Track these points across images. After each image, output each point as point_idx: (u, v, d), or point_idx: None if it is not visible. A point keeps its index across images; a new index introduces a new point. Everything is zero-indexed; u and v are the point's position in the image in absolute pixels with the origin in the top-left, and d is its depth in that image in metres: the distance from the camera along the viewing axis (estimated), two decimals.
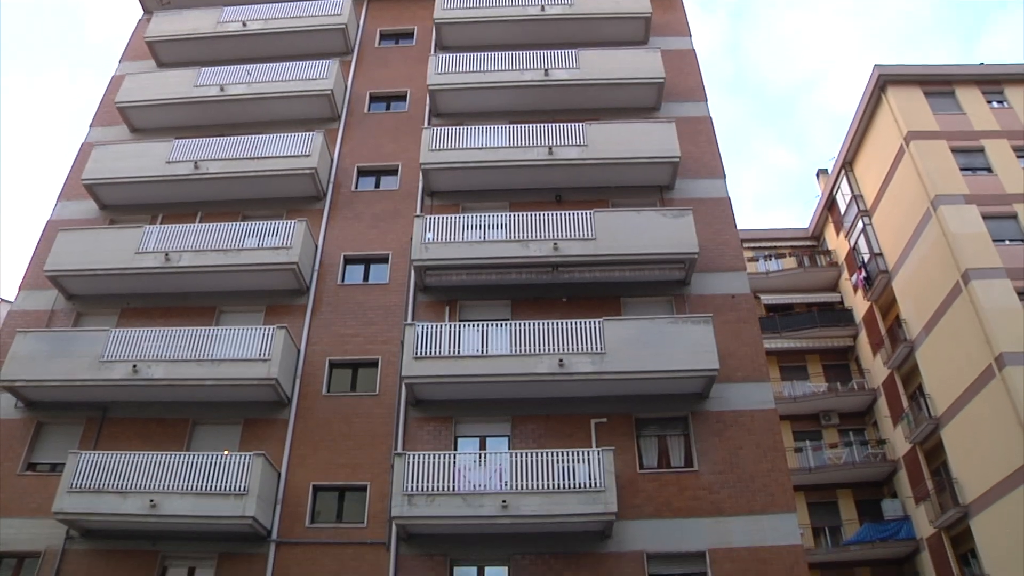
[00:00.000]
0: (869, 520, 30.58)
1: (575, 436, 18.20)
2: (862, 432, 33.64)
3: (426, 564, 17.10)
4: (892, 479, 31.64)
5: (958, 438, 27.08)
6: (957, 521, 26.71)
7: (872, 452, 32.11)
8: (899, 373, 31.30)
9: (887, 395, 32.13)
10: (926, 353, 29.23)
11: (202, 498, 16.90)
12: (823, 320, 35.48)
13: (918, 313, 29.81)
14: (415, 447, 18.22)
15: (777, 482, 17.75)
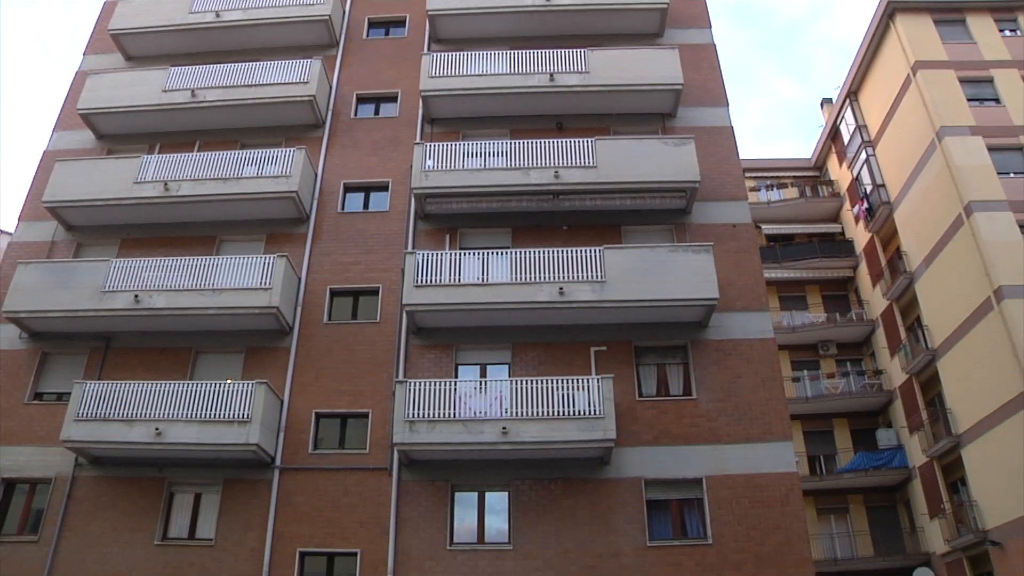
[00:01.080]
0: (863, 449, 30.89)
1: (575, 364, 18.23)
2: (859, 363, 33.75)
3: (428, 489, 17.31)
4: (887, 409, 31.88)
5: (953, 370, 27.16)
6: (949, 450, 27.02)
7: (869, 382, 32.27)
8: (898, 305, 31.23)
9: (885, 326, 32.12)
10: (925, 285, 29.10)
11: (206, 426, 17.04)
12: (823, 251, 35.25)
13: (919, 245, 29.57)
14: (416, 374, 18.27)
15: (774, 411, 17.87)
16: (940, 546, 27.56)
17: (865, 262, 34.05)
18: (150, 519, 17.37)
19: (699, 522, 17.05)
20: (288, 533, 17.01)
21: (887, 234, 32.41)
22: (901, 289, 30.45)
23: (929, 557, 28.12)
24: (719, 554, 16.47)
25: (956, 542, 26.19)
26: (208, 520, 17.51)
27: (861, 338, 33.72)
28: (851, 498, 30.55)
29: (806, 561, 16.50)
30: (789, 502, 16.94)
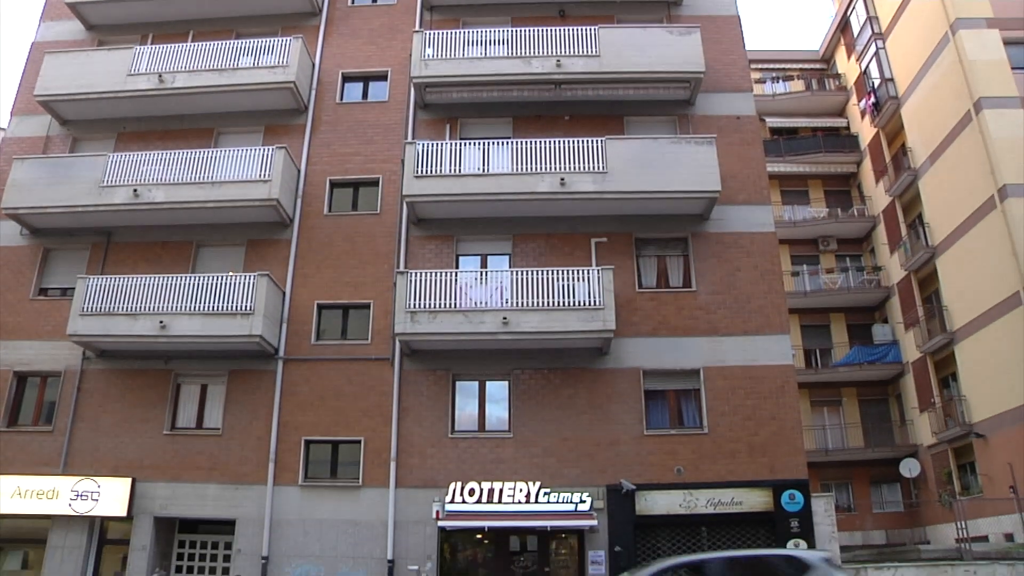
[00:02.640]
0: (859, 344, 31.07)
1: (575, 255, 18.11)
2: (859, 258, 33.53)
3: (429, 379, 17.47)
4: (884, 305, 31.89)
5: (952, 268, 26.95)
6: (943, 347, 27.13)
7: (867, 278, 32.15)
8: (900, 201, 30.78)
9: (886, 222, 31.75)
10: (929, 182, 28.55)
11: (210, 318, 17.10)
12: (828, 145, 34.47)
13: (924, 141, 28.84)
14: (417, 265, 18.16)
15: (772, 304, 17.86)
16: (927, 438, 28.09)
17: (869, 157, 33.37)
18: (158, 410, 17.68)
19: (695, 412, 17.28)
20: (293, 422, 17.29)
21: (893, 130, 31.63)
22: (904, 186, 29.94)
23: (916, 449, 28.69)
24: (714, 443, 16.76)
25: (943, 434, 26.65)
26: (215, 410, 17.82)
27: (861, 234, 33.42)
28: (844, 391, 30.96)
29: (798, 451, 16.79)
30: (784, 394, 17.15)
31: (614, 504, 16.31)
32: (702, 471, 16.54)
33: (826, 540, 16.18)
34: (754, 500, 16.33)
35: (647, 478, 16.47)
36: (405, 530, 16.38)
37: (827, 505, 16.72)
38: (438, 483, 16.61)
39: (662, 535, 16.56)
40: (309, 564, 16.32)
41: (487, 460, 16.75)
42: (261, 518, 16.61)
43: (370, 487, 16.72)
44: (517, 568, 16.80)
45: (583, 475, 16.56)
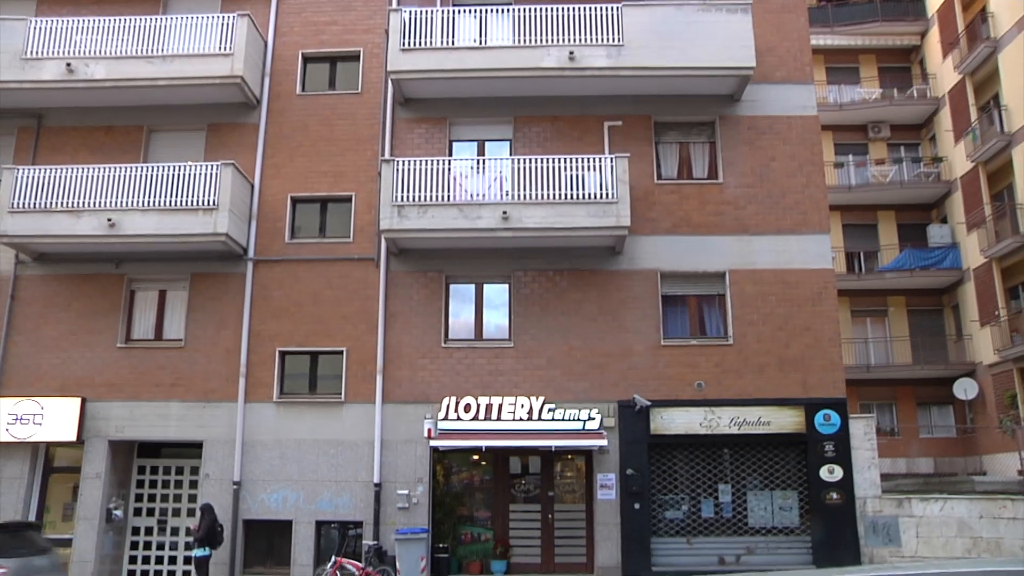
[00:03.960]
0: (911, 246, 31.82)
1: (585, 140, 18.72)
2: (916, 147, 33.98)
3: (419, 281, 18.34)
4: (943, 202, 32.50)
5: None
6: (1013, 251, 27.75)
7: (924, 171, 32.65)
8: (972, 79, 30.80)
9: (952, 105, 31.92)
10: (1011, 56, 28.37)
11: (167, 214, 17.65)
12: (887, 12, 34.31)
13: (1011, 4, 28.44)
14: (405, 152, 18.80)
15: (811, 199, 18.56)
16: (988, 356, 29.08)
17: (937, 26, 33.13)
18: (110, 320, 18.50)
19: (719, 320, 18.25)
20: (266, 331, 18.23)
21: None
22: (980, 60, 29.88)
23: (974, 368, 29.82)
24: (740, 355, 17.76)
25: (1008, 352, 27.57)
26: (176, 319, 18.70)
27: (921, 119, 33.73)
28: (891, 300, 32.01)
29: (836, 366, 17.77)
30: (821, 301, 18.03)
31: (626, 422, 17.40)
32: (726, 387, 17.58)
33: (865, 467, 17.27)
34: (784, 420, 17.40)
35: (663, 394, 17.52)
36: (393, 451, 17.53)
37: (867, 428, 17.66)
38: (430, 398, 17.67)
39: (679, 457, 17.74)
40: (286, 489, 17.49)
41: (485, 372, 17.77)
42: (232, 439, 17.70)
43: (354, 403, 17.80)
44: (518, 492, 18.06)
45: (592, 389, 17.62)
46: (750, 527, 17.43)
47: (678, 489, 17.66)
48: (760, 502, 17.57)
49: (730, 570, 16.88)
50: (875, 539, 16.98)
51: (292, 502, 17.45)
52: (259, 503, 17.50)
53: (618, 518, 17.06)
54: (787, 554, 17.19)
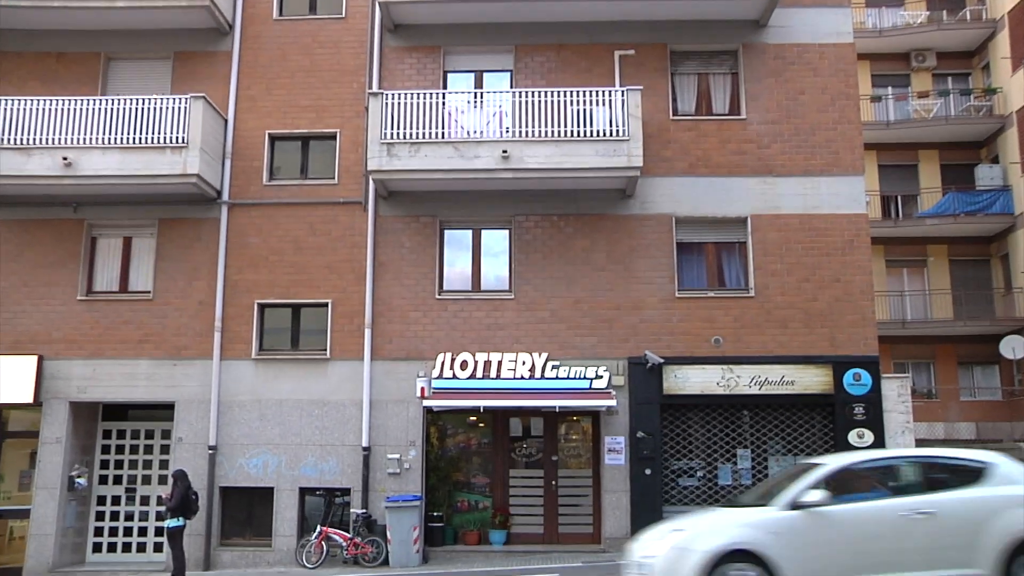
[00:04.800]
0: (955, 189, 31.99)
1: (594, 72, 19.07)
2: (965, 78, 33.97)
3: (412, 227, 18.84)
4: (995, 140, 32.56)
5: None
6: None
7: (974, 104, 32.67)
8: None
9: (1013, 27, 31.67)
10: None
11: (130, 153, 18.01)
12: None
13: None
14: (394, 84, 19.16)
15: (844, 137, 18.99)
16: None
17: None
18: (69, 270, 18.98)
19: (740, 270, 18.81)
20: (243, 282, 18.76)
21: None
22: None
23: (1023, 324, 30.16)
24: (762, 308, 18.31)
25: None
26: (143, 269, 19.22)
27: (973, 45, 33.61)
28: (932, 249, 32.30)
29: (867, 321, 18.30)
30: (853, 250, 18.54)
31: (637, 381, 17.99)
32: (746, 343, 18.16)
33: (898, 432, 17.86)
34: (809, 380, 17.98)
35: (678, 350, 18.10)
36: (383, 411, 18.15)
37: (901, 389, 18.24)
38: (423, 354, 18.25)
39: (694, 419, 18.39)
40: (267, 454, 18.15)
41: (483, 326, 18.34)
42: (206, 400, 18.30)
43: (340, 360, 18.39)
44: (519, 456, 18.73)
45: (599, 345, 18.20)
46: None
47: (693, 454, 18.29)
48: (783, 469, 18.00)
49: None
50: None
51: (273, 468, 18.07)
52: (237, 469, 18.11)
53: (627, 485, 17.68)
54: None
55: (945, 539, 10.09)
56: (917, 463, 11.27)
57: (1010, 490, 10.46)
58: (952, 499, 10.37)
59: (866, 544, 10.10)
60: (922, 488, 10.65)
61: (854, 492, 10.70)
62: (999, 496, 10.37)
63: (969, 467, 10.83)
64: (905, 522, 10.12)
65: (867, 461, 11.32)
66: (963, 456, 11.41)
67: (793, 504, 10.27)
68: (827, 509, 10.17)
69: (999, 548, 9.97)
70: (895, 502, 10.41)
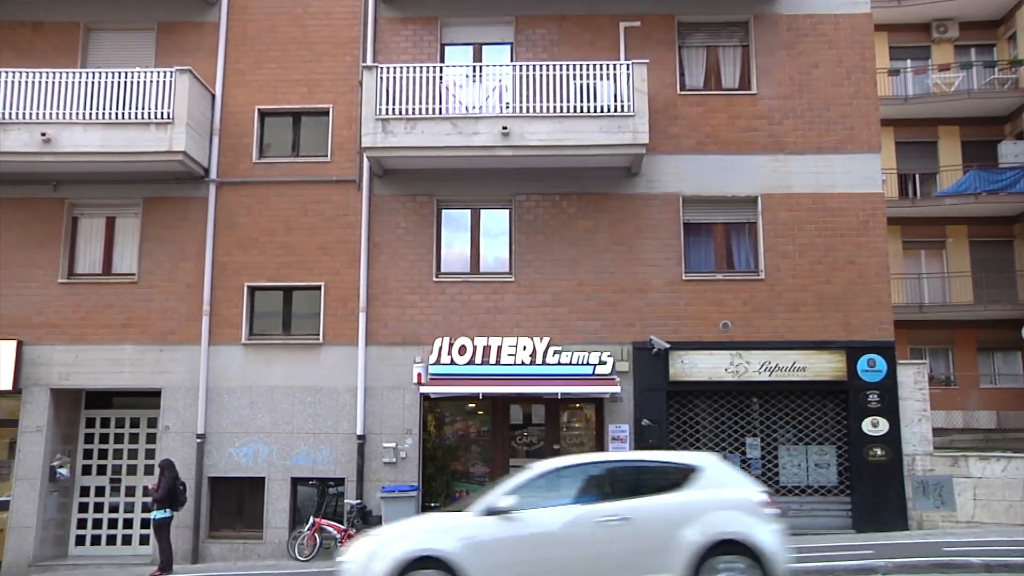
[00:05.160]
0: (977, 167, 32.07)
1: (598, 44, 19.28)
2: (990, 49, 33.90)
3: (408, 206, 19.07)
4: (1021, 115, 32.53)
5: None
6: None
7: (999, 77, 32.66)
8: None
9: None
10: None
11: (113, 129, 18.22)
12: None
13: None
14: (390, 58, 19.34)
15: (860, 112, 19.20)
16: None
17: None
18: (49, 251, 19.21)
19: (749, 252, 19.06)
20: (232, 264, 19.00)
21: None
22: None
23: None
24: (773, 292, 18.56)
25: None
26: (127, 251, 19.47)
27: (999, 14, 33.55)
28: (951, 230, 32.39)
29: (883, 305, 18.55)
30: (868, 231, 18.78)
31: (642, 367, 18.26)
32: (756, 327, 18.42)
33: (914, 420, 18.15)
34: (822, 366, 18.24)
35: (685, 335, 18.36)
36: (379, 398, 18.42)
37: (918, 375, 18.48)
38: (420, 339, 18.52)
39: (702, 406, 18.66)
40: (257, 442, 18.42)
41: (482, 310, 18.59)
42: (194, 386, 18.55)
43: (334, 345, 18.66)
44: (519, 445, 18.97)
45: (603, 330, 18.46)
46: (781, 486, 18.29)
47: (700, 443, 18.53)
48: (793, 458, 18.48)
49: None
50: (925, 501, 17.85)
51: (264, 457, 18.34)
52: (226, 458, 18.38)
53: None
54: (823, 516, 18.10)
55: (640, 545, 10.47)
56: (624, 467, 11.69)
57: (712, 494, 10.90)
58: (651, 504, 10.77)
59: (559, 551, 10.47)
60: (626, 493, 10.96)
61: (556, 498, 10.98)
62: (698, 500, 10.83)
63: (677, 470, 11.22)
64: (601, 528, 10.46)
65: (571, 466, 11.55)
66: (672, 459, 11.88)
67: (488, 510, 10.60)
68: (521, 515, 10.51)
69: (690, 552, 10.34)
70: (592, 508, 10.72)
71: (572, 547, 10.44)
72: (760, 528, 10.60)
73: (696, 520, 10.53)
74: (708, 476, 11.05)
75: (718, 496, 10.85)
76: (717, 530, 10.46)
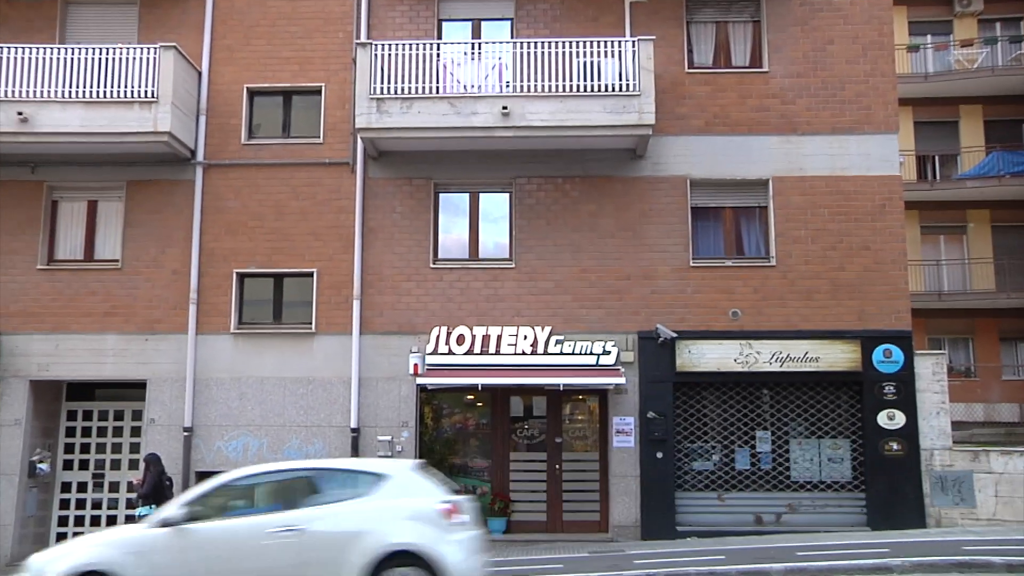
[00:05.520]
0: (1001, 148, 32.12)
1: (602, 20, 19.41)
2: (1016, 23, 33.84)
3: (404, 190, 19.27)
4: None
5: None
6: None
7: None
8: None
9: None
10: None
11: (94, 108, 18.36)
12: None
13: None
14: (384, 34, 19.48)
15: (877, 91, 19.33)
16: None
17: None
18: (28, 236, 19.36)
19: (760, 237, 19.28)
20: (220, 250, 19.20)
21: None
22: None
23: None
24: (784, 279, 18.77)
25: None
26: (110, 236, 19.65)
27: None
28: (973, 214, 32.49)
29: (900, 293, 18.74)
30: (885, 215, 18.93)
31: (648, 357, 18.48)
32: (767, 316, 18.62)
33: (932, 413, 18.32)
34: (835, 356, 18.44)
35: (692, 323, 18.57)
36: (373, 390, 18.65)
37: (936, 366, 18.65)
38: (417, 328, 18.73)
39: (710, 398, 18.90)
40: (247, 436, 18.65)
41: (481, 298, 18.80)
42: (181, 377, 18.77)
43: (327, 334, 18.88)
44: (520, 438, 19.25)
45: (607, 318, 18.68)
46: (793, 481, 18.55)
47: (708, 436, 18.80)
48: (805, 452, 18.69)
49: (769, 531, 17.99)
50: (943, 498, 18.02)
51: (254, 451, 18.54)
52: (215, 452, 18.61)
53: (637, 469, 18.21)
54: (836, 513, 18.36)
55: (311, 556, 10.59)
56: (309, 475, 11.72)
57: (394, 503, 11.04)
58: (327, 514, 10.94)
59: (226, 564, 10.63)
60: (309, 502, 11.12)
61: (240, 508, 11.34)
62: (378, 510, 10.98)
63: (364, 478, 11.39)
64: (272, 540, 10.64)
65: (254, 475, 11.79)
66: (359, 466, 12.09)
67: (163, 521, 10.83)
68: (193, 527, 10.75)
69: (361, 565, 10.48)
70: (265, 519, 10.93)
71: (240, 560, 10.63)
72: (439, 539, 10.69)
73: (373, 531, 10.69)
74: (395, 484, 11.19)
75: (399, 506, 10.98)
76: (391, 541, 10.60)
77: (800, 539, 16.76)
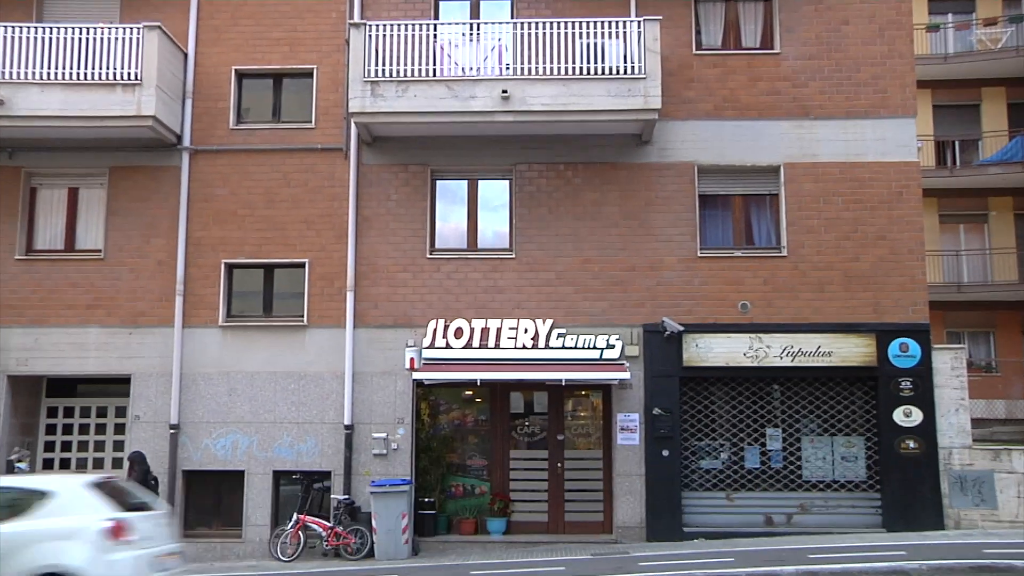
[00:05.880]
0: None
1: (606, 0, 19.46)
2: None
3: (399, 177, 19.47)
4: None
5: None
6: None
7: None
8: None
9: None
10: None
11: (75, 90, 18.48)
12: None
13: None
14: (379, 14, 19.60)
15: (894, 73, 19.48)
16: None
17: None
18: (5, 225, 19.57)
19: (771, 226, 19.45)
20: (208, 239, 19.40)
21: None
22: None
23: None
24: (796, 270, 18.94)
25: None
26: (92, 225, 19.83)
27: None
28: (994, 202, 32.56)
29: (917, 284, 18.92)
30: (901, 203, 19.08)
31: (653, 350, 18.68)
32: (777, 308, 18.81)
33: (951, 409, 18.48)
34: (849, 351, 18.59)
35: (700, 316, 18.78)
36: (368, 385, 18.86)
37: (955, 361, 18.78)
38: (413, 321, 18.95)
39: (718, 394, 19.11)
40: (236, 433, 18.88)
41: (480, 290, 19.01)
42: (167, 372, 18.96)
43: (319, 327, 19.09)
44: (520, 435, 19.48)
45: (611, 311, 18.89)
46: (804, 481, 18.74)
47: (716, 433, 19.01)
48: (818, 451, 18.87)
49: (780, 532, 18.21)
50: (963, 499, 18.19)
51: (244, 449, 18.77)
52: (203, 450, 18.82)
53: (642, 468, 18.41)
54: (850, 514, 18.55)
55: None
56: None
57: (52, 522, 11.03)
58: None
59: None
60: None
61: None
62: (34, 530, 10.94)
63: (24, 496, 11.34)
64: None
65: None
66: (18, 483, 12.15)
67: None
68: None
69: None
70: None
71: None
72: (96, 560, 10.73)
73: (24, 552, 10.67)
74: (59, 503, 11.19)
75: (56, 525, 10.96)
76: (42, 562, 10.62)
77: (812, 541, 16.95)
